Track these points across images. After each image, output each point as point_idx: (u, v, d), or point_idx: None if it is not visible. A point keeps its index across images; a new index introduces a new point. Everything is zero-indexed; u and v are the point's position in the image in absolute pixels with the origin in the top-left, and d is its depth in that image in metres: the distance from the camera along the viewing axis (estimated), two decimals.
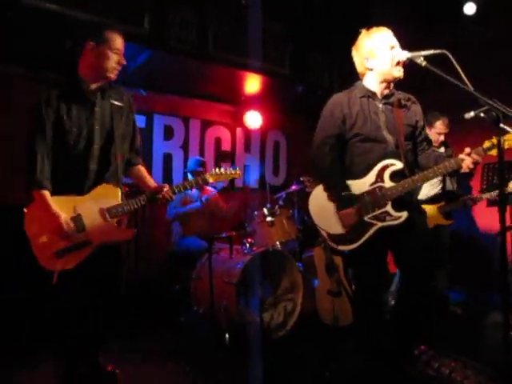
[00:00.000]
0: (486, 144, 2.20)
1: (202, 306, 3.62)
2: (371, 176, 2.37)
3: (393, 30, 2.44)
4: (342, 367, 2.94)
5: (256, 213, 4.09)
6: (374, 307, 2.49)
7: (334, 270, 3.79)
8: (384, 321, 2.53)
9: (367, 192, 2.37)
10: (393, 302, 3.76)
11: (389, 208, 2.32)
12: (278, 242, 3.87)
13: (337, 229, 2.40)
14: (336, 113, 2.48)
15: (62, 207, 2.25)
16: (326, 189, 2.48)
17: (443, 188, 4.04)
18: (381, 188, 2.34)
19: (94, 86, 2.41)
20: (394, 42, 2.39)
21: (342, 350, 3.22)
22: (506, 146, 2.10)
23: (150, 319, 3.85)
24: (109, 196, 2.36)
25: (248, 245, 3.84)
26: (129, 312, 3.67)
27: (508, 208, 3.98)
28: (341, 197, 2.37)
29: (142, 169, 2.64)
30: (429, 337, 2.92)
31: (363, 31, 2.48)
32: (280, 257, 3.77)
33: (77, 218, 2.28)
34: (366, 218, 2.34)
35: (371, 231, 2.33)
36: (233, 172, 2.72)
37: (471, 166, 2.23)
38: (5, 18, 3.41)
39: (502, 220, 1.88)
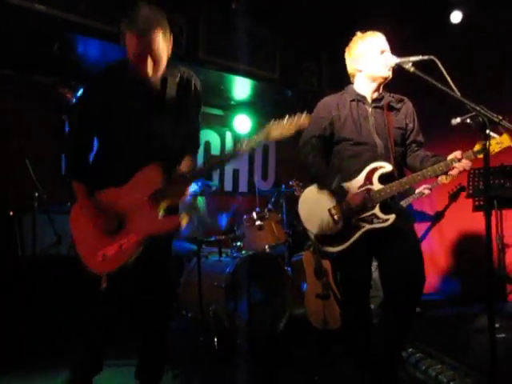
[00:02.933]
0: (477, 147, 2.19)
1: (191, 310, 3.61)
2: (360, 179, 2.38)
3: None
4: (331, 371, 2.95)
5: (245, 217, 4.10)
6: (360, 310, 2.50)
7: (322, 273, 3.79)
8: (371, 324, 2.55)
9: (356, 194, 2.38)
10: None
11: (377, 211, 2.33)
12: (266, 246, 3.87)
13: (323, 230, 2.40)
14: (323, 114, 2.50)
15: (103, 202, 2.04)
16: (316, 182, 2.47)
17: None
18: (369, 190, 2.35)
19: None
20: (386, 46, 2.42)
21: (331, 354, 3.24)
22: (493, 151, 2.10)
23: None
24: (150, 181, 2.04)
25: (237, 248, 3.84)
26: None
27: (493, 212, 4.04)
28: (334, 189, 2.37)
29: None
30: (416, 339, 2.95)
31: (358, 33, 2.52)
32: (269, 260, 3.78)
33: (118, 214, 2.02)
34: (353, 220, 2.35)
35: (358, 233, 2.33)
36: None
37: (461, 169, 2.23)
38: None
39: (488, 224, 1.91)
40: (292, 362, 3.21)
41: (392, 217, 2.31)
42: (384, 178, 2.35)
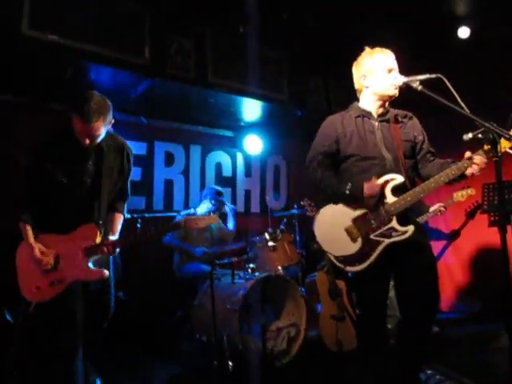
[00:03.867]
0: (486, 147, 2.15)
1: (205, 333, 3.57)
2: None
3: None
4: None
5: (257, 238, 4.08)
6: (377, 331, 2.45)
7: (337, 294, 3.75)
8: (388, 344, 2.50)
9: (371, 210, 2.34)
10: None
11: (394, 223, 2.29)
12: (280, 267, 3.85)
13: (343, 251, 2.37)
14: (328, 132, 2.51)
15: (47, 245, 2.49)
16: (329, 193, 2.45)
17: None
18: (384, 204, 2.33)
19: None
20: (394, 65, 2.43)
21: (346, 376, 3.17)
22: (502, 150, 2.05)
23: (151, 347, 3.79)
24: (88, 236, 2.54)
25: (250, 270, 3.82)
26: (129, 339, 3.63)
27: (509, 228, 3.97)
28: (348, 193, 2.34)
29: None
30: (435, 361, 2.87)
31: (367, 49, 2.52)
32: (282, 282, 3.74)
33: (56, 256, 2.49)
34: (372, 237, 2.32)
35: (379, 249, 2.29)
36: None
37: (476, 169, 2.20)
38: (6, 47, 3.47)
39: (503, 240, 1.88)
40: None
41: (410, 228, 2.27)
42: (396, 191, 2.32)
